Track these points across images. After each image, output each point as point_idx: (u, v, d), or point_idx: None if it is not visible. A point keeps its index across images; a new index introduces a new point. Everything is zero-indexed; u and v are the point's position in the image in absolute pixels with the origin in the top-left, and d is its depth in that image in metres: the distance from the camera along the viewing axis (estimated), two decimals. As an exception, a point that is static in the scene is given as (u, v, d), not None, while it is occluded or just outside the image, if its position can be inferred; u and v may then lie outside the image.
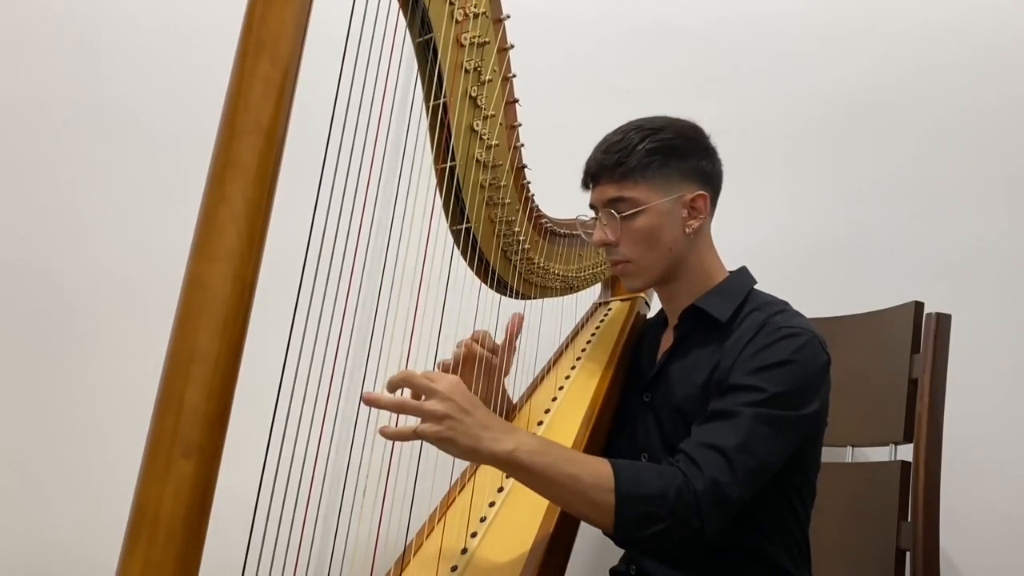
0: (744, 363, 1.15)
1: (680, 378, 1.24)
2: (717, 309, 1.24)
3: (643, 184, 1.23)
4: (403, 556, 1.15)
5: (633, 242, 1.25)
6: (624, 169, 1.23)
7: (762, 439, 1.09)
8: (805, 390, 1.15)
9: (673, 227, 1.24)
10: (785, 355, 1.14)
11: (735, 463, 1.07)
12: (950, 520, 1.42)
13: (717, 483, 1.05)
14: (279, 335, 0.89)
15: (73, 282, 1.79)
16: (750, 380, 1.13)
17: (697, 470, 1.06)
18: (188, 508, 0.70)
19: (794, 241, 1.99)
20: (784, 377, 1.13)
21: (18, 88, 1.81)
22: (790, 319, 1.20)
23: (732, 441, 1.08)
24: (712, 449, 1.08)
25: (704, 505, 1.04)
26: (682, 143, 1.26)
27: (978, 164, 1.98)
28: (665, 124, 1.27)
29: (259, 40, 0.77)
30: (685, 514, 1.04)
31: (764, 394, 1.11)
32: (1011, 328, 1.89)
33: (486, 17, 1.16)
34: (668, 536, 1.04)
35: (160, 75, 1.86)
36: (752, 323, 1.20)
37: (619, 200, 1.24)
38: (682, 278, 1.28)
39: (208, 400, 0.72)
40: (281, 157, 0.77)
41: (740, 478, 1.07)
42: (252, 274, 0.75)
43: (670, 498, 1.04)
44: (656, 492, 1.04)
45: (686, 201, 1.25)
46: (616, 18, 2.08)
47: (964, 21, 2.02)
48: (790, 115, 2.05)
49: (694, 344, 1.25)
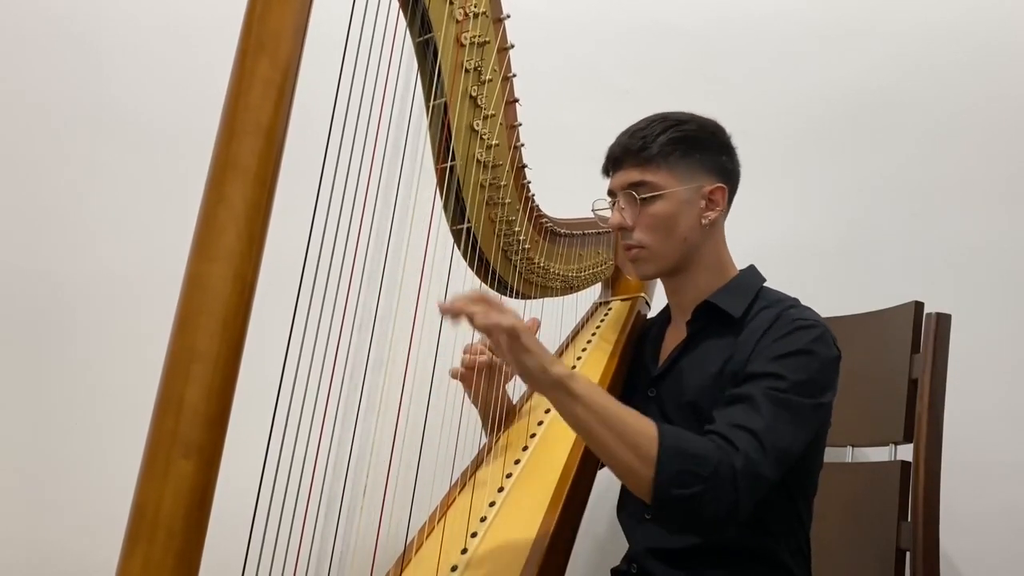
0: (762, 352, 1.17)
1: (692, 371, 1.25)
2: (731, 305, 1.25)
3: (664, 170, 1.25)
4: (403, 556, 1.14)
5: (650, 227, 1.26)
6: (647, 154, 1.25)
7: (786, 423, 1.10)
8: (820, 380, 1.16)
9: (690, 216, 1.26)
10: (802, 344, 1.16)
11: (766, 443, 1.07)
12: (950, 520, 1.42)
13: (752, 460, 1.05)
14: (279, 335, 0.89)
15: (73, 282, 1.79)
16: (770, 367, 1.14)
17: (732, 447, 1.06)
18: (188, 508, 0.70)
19: (794, 241, 1.99)
20: (802, 366, 1.14)
21: (18, 88, 1.81)
22: (803, 312, 1.22)
23: (760, 424, 1.08)
24: (743, 430, 1.08)
25: (741, 480, 1.04)
26: (704, 136, 1.28)
27: (978, 164, 1.98)
28: (689, 117, 1.29)
29: (259, 40, 0.77)
30: (723, 483, 1.03)
31: (785, 381, 1.13)
32: (1011, 328, 1.89)
33: (486, 17, 1.16)
34: (705, 501, 1.03)
35: (160, 75, 1.86)
36: (765, 317, 1.21)
37: (640, 184, 1.25)
38: (693, 270, 1.29)
39: (208, 400, 0.72)
40: (281, 157, 0.77)
41: (771, 458, 1.07)
42: (252, 274, 0.75)
43: (712, 462, 1.04)
44: (701, 453, 1.04)
45: (705, 192, 1.26)
46: (616, 18, 2.08)
47: (964, 21, 2.02)
48: (790, 115, 2.05)
49: (707, 338, 1.26)
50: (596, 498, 1.28)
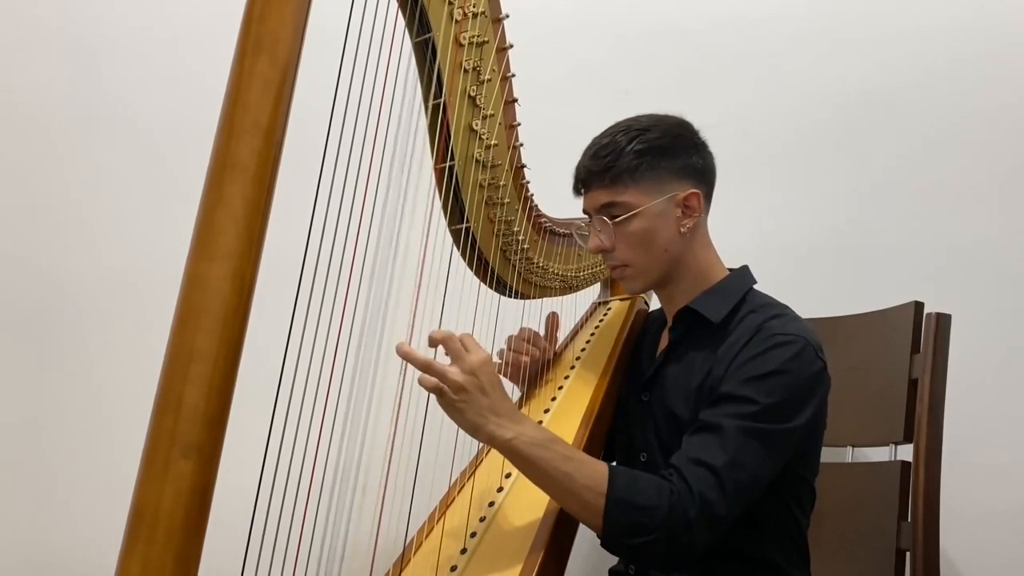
0: (736, 371, 1.15)
1: (674, 382, 1.24)
2: (710, 310, 1.23)
3: (633, 187, 1.21)
4: (403, 555, 1.15)
5: (629, 246, 1.24)
6: (613, 174, 1.22)
7: (752, 454, 1.09)
8: (796, 401, 1.13)
9: (668, 228, 1.23)
10: (777, 365, 1.13)
11: (725, 481, 1.06)
12: (950, 520, 1.41)
13: (707, 502, 1.05)
14: (278, 335, 0.89)
15: (72, 282, 1.79)
16: (741, 391, 1.12)
17: (687, 489, 1.06)
18: (187, 508, 0.70)
19: (794, 241, 1.98)
20: (775, 388, 1.12)
21: (18, 88, 1.81)
22: (786, 324, 1.18)
23: (721, 458, 1.07)
24: (702, 466, 1.07)
25: (695, 525, 1.04)
26: (670, 141, 1.24)
27: (978, 164, 1.98)
28: (653, 123, 1.25)
29: (258, 39, 0.77)
30: (675, 530, 1.04)
31: (755, 407, 1.10)
32: (1011, 328, 1.89)
33: (485, 16, 1.15)
34: (655, 548, 1.05)
35: (159, 75, 1.86)
36: (748, 326, 1.19)
37: (611, 205, 1.23)
38: (680, 279, 1.27)
39: (207, 400, 0.72)
40: (280, 157, 0.77)
41: (730, 496, 1.07)
42: (251, 274, 0.75)
43: (662, 512, 1.04)
44: (649, 504, 1.05)
45: (679, 200, 1.23)
46: (616, 18, 2.08)
47: (963, 22, 2.02)
48: (790, 115, 2.05)
49: (689, 347, 1.25)
50: (596, 498, 1.27)
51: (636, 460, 1.27)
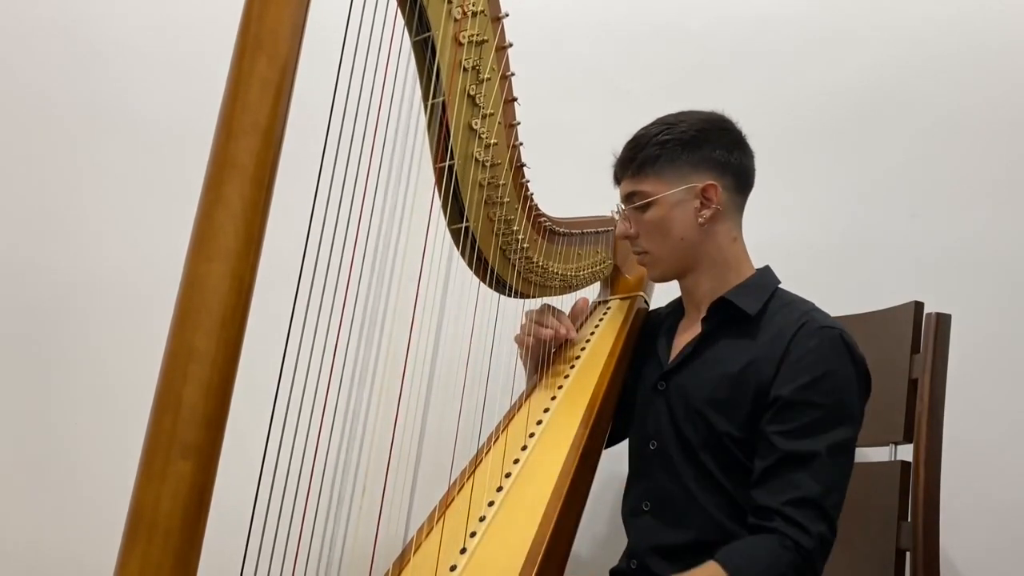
0: (792, 369, 1.18)
1: (706, 370, 1.26)
2: (746, 303, 1.26)
3: (652, 177, 1.28)
4: (403, 556, 1.14)
5: (648, 233, 1.31)
6: (637, 164, 1.29)
7: (840, 468, 1.16)
8: (856, 393, 1.19)
9: (685, 217, 1.28)
10: (834, 362, 1.18)
11: (827, 508, 1.13)
12: (950, 520, 1.41)
13: (823, 537, 1.12)
14: (277, 335, 0.89)
15: (71, 282, 1.79)
16: (807, 396, 1.16)
17: (802, 532, 1.10)
18: (186, 508, 0.70)
19: (794, 241, 1.98)
20: (837, 387, 1.17)
21: (18, 88, 1.81)
22: (826, 318, 1.25)
23: (817, 489, 1.12)
24: (807, 505, 1.12)
25: (817, 558, 1.11)
26: (695, 134, 1.29)
27: (978, 164, 1.98)
28: (684, 117, 1.31)
29: (257, 39, 0.76)
30: (801, 570, 1.10)
31: (823, 411, 1.15)
32: (1011, 328, 1.89)
33: (484, 15, 1.15)
34: None
35: (158, 75, 1.86)
36: (786, 319, 1.23)
37: (633, 194, 1.31)
38: (701, 269, 1.31)
39: (206, 400, 0.72)
40: (279, 157, 0.77)
41: (834, 518, 1.14)
42: (250, 274, 0.75)
43: (784, 564, 1.09)
44: (771, 566, 1.10)
45: (697, 191, 1.27)
46: (616, 18, 2.07)
47: (964, 21, 2.02)
48: (790, 115, 2.05)
49: (722, 336, 1.27)
50: (596, 497, 1.28)
51: (646, 448, 1.28)
